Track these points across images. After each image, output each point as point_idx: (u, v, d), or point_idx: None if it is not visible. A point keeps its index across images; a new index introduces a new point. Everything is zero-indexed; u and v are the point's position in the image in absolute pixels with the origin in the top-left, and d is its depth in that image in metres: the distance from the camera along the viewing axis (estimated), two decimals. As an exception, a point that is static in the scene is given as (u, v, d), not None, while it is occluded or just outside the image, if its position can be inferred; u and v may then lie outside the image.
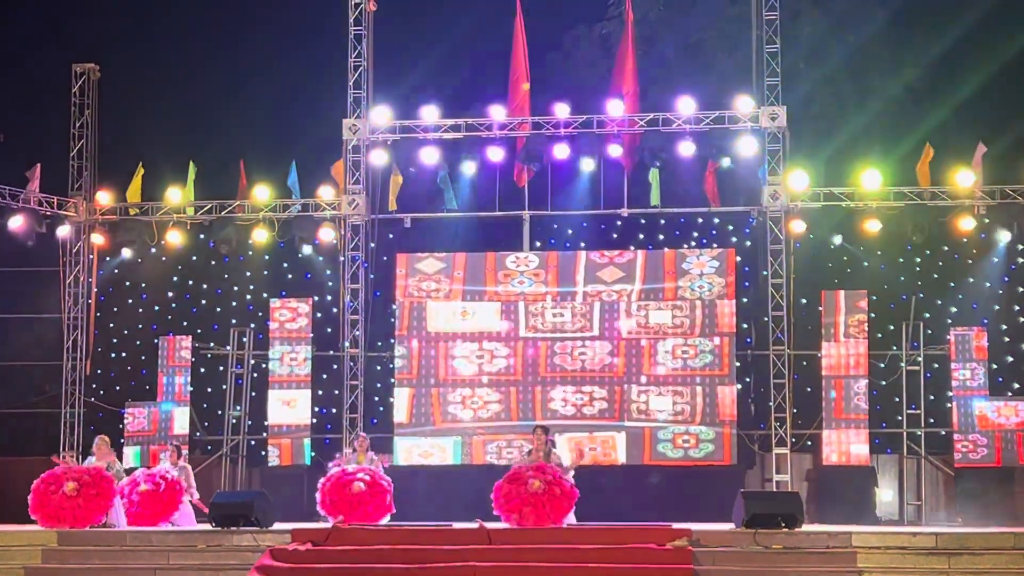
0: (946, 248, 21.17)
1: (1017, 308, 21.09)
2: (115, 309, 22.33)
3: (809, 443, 20.72)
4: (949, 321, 20.82)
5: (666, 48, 27.27)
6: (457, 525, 15.94)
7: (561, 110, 21.13)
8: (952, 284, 21.23)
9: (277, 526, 15.89)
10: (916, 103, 26.15)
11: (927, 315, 20.94)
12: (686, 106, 20.88)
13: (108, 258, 22.29)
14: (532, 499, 15.25)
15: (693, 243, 21.56)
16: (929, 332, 20.79)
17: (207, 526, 15.82)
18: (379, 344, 21.62)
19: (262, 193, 21.69)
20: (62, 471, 16.05)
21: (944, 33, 25.47)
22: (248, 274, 22.28)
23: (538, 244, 21.74)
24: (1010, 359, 20.92)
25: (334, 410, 21.53)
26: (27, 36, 25.52)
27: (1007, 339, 20.97)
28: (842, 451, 20.19)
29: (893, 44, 26.66)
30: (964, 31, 25.11)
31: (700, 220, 21.63)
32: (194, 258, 22.31)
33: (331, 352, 21.61)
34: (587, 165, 21.14)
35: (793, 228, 20.72)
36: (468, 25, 25.81)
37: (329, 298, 21.87)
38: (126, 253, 22.09)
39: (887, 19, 26.55)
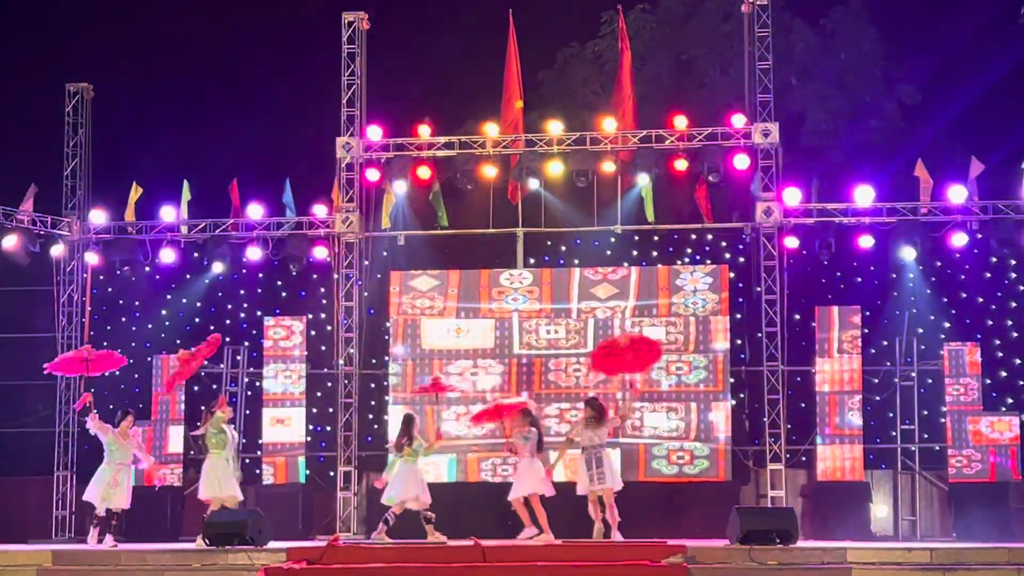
0: (939, 263, 21.21)
1: (1010, 323, 21.12)
2: (109, 328, 22.30)
3: (804, 459, 20.73)
4: (942, 336, 20.84)
5: (659, 65, 27.37)
6: (452, 543, 15.92)
7: (554, 127, 21.18)
8: (945, 299, 21.26)
9: (272, 545, 15.86)
10: (908, 119, 26.26)
11: (920, 330, 20.96)
12: (679, 123, 20.93)
13: (102, 277, 22.27)
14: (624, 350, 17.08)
15: (687, 259, 21.58)
16: (923, 347, 20.82)
17: (202, 544, 15.80)
18: (373, 362, 21.62)
19: (256, 211, 21.71)
20: None
21: (936, 49, 25.56)
22: (242, 292, 22.28)
23: (532, 261, 21.76)
24: (1004, 374, 20.95)
25: (328, 428, 21.51)
26: (20, 55, 25.55)
27: (1000, 354, 20.99)
28: (837, 467, 20.19)
29: (885, 60, 26.78)
30: (956, 47, 25.20)
31: (693, 236, 21.66)
32: (188, 277, 22.31)
33: (325, 370, 21.61)
34: (581, 182, 21.16)
35: (786, 244, 20.76)
36: (461, 43, 25.90)
37: (323, 316, 21.86)
38: (120, 272, 22.07)
39: (879, 36, 26.68)
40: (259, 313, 21.91)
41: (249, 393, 21.63)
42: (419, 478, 16.95)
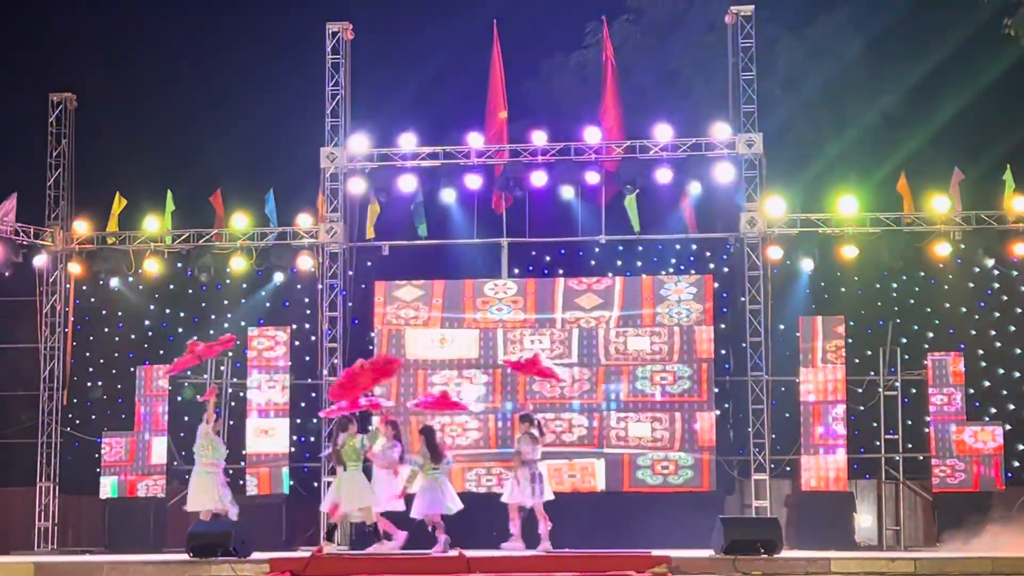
0: (922, 273, 21.25)
1: (993, 333, 21.17)
2: (92, 338, 22.25)
3: (788, 469, 20.74)
4: (926, 346, 20.88)
5: (643, 76, 27.39)
6: (436, 553, 15.88)
7: (539, 137, 21.19)
8: (928, 309, 21.30)
9: (255, 556, 15.81)
10: (892, 130, 26.31)
11: (904, 340, 20.99)
12: (663, 133, 20.96)
13: (85, 287, 22.23)
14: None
15: (671, 269, 21.59)
16: (906, 357, 20.85)
17: (184, 556, 15.74)
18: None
19: (240, 221, 21.68)
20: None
21: (920, 61, 25.63)
22: (226, 302, 22.24)
23: (516, 271, 21.75)
24: (987, 384, 20.99)
25: (312, 439, 21.47)
26: (3, 66, 25.48)
27: (984, 364, 21.02)
28: (821, 476, 20.21)
29: (869, 71, 26.84)
30: (940, 58, 25.27)
31: (678, 246, 21.67)
32: (171, 287, 22.26)
33: (309, 380, 21.57)
34: (565, 192, 21.17)
35: (770, 254, 20.80)
36: (446, 53, 25.90)
37: (307, 326, 21.83)
38: (103, 282, 22.02)
39: (863, 47, 26.73)
40: (243, 323, 21.87)
41: (233, 403, 21.57)
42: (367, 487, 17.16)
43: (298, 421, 21.47)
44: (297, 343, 21.65)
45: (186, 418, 21.74)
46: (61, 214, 22.15)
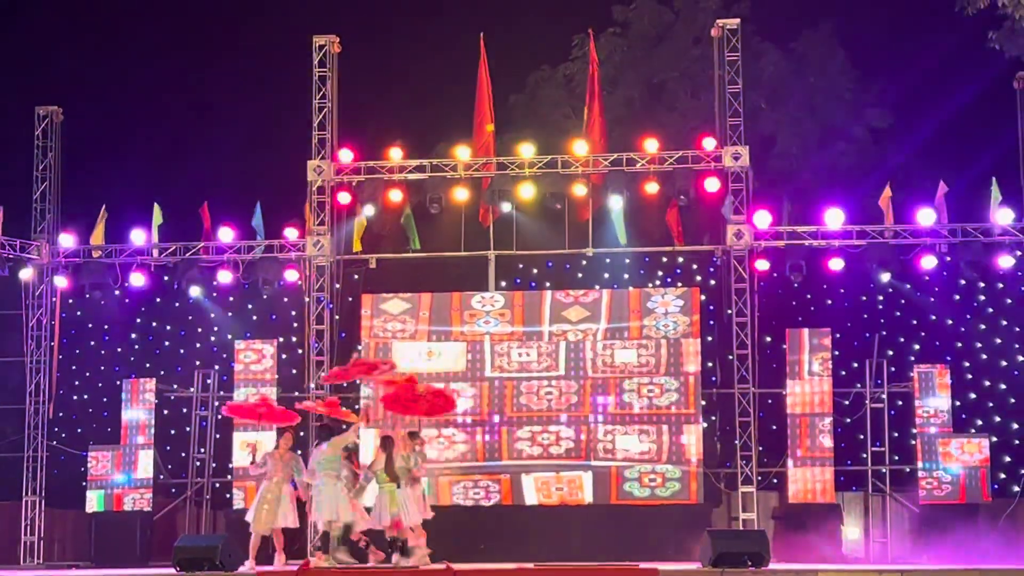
0: (908, 286, 21.29)
1: (979, 345, 21.21)
2: (78, 352, 22.19)
3: (775, 481, 20.74)
4: (912, 359, 20.91)
5: (630, 88, 27.47)
6: (424, 567, 15.86)
7: (526, 150, 21.21)
8: (915, 321, 21.34)
9: (242, 569, 15.78)
10: (877, 142, 26.41)
11: (890, 353, 21.02)
12: (650, 146, 20.99)
13: (71, 300, 22.17)
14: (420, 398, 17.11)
15: (658, 282, 21.59)
16: (892, 369, 20.88)
17: (172, 570, 15.70)
18: (345, 385, 21.52)
19: (226, 235, 21.66)
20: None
21: (905, 74, 25.74)
22: (212, 316, 22.18)
23: (503, 284, 21.75)
24: (973, 396, 21.02)
25: (299, 451, 21.39)
26: (-10, 79, 25.51)
27: (970, 376, 21.06)
28: (808, 489, 20.21)
29: (854, 84, 26.97)
30: (924, 72, 25.38)
31: (665, 259, 21.68)
32: (158, 300, 22.21)
33: (296, 394, 21.51)
34: (552, 205, 21.17)
35: (757, 266, 20.83)
36: (432, 67, 25.96)
37: (294, 339, 21.79)
38: (89, 295, 21.96)
39: (848, 60, 26.86)
40: (229, 336, 21.83)
41: (219, 417, 21.51)
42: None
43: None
44: (284, 356, 21.61)
45: (173, 431, 21.72)
46: (47, 227, 22.09)
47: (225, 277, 21.54)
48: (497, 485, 20.77)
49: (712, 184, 20.73)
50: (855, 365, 21.01)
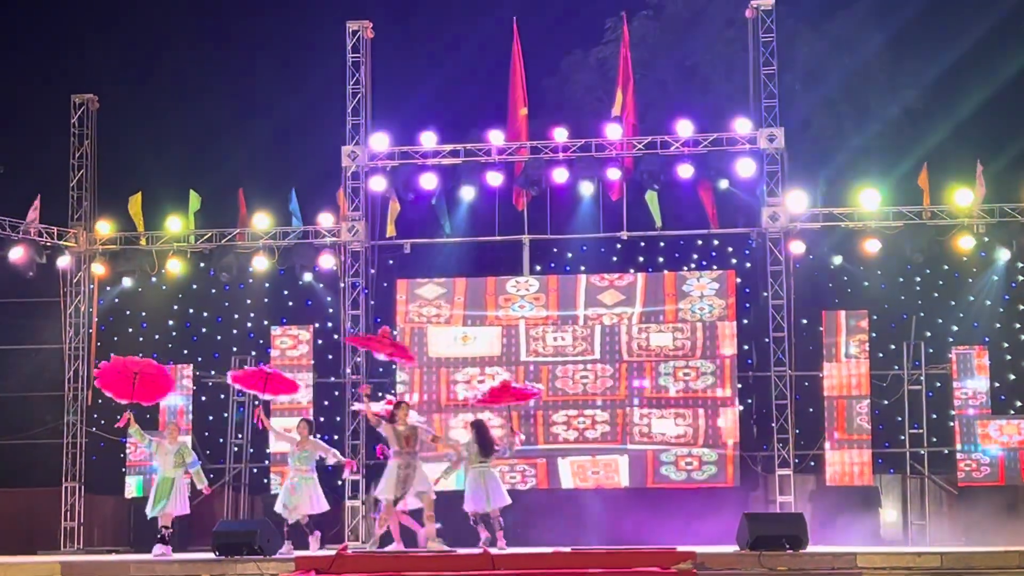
0: (946, 267, 21.15)
1: (1018, 326, 21.07)
2: (116, 339, 22.30)
3: (812, 464, 20.69)
4: (950, 340, 20.80)
5: (663, 71, 27.38)
6: (461, 551, 15.91)
7: (559, 134, 21.18)
8: (952, 303, 21.20)
9: (280, 554, 15.85)
10: (914, 124, 26.23)
11: (928, 334, 20.93)
12: (684, 128, 20.94)
13: (108, 288, 22.29)
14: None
15: (693, 265, 21.55)
16: (930, 351, 20.78)
17: (211, 555, 15.79)
18: (380, 370, 21.58)
19: (262, 221, 21.73)
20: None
21: (941, 54, 25.55)
22: (249, 302, 22.25)
23: (538, 268, 21.74)
24: (1012, 377, 20.88)
25: (336, 437, 21.46)
26: (26, 67, 25.63)
27: (1008, 357, 20.93)
28: (845, 471, 20.17)
29: (890, 65, 26.79)
30: (961, 52, 25.20)
31: (700, 242, 21.63)
32: (195, 286, 22.29)
33: (332, 379, 21.60)
34: (586, 188, 21.16)
35: (793, 249, 20.75)
36: (466, 51, 25.94)
37: (330, 325, 21.86)
38: (126, 282, 22.08)
39: (884, 41, 26.68)
40: (266, 322, 21.91)
41: (256, 403, 21.58)
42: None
43: (321, 419, 21.47)
44: (320, 342, 21.68)
45: (210, 417, 21.82)
46: (84, 215, 22.22)
47: (261, 263, 21.61)
48: (533, 469, 20.79)
49: (747, 166, 20.66)
50: (892, 347, 20.91)
